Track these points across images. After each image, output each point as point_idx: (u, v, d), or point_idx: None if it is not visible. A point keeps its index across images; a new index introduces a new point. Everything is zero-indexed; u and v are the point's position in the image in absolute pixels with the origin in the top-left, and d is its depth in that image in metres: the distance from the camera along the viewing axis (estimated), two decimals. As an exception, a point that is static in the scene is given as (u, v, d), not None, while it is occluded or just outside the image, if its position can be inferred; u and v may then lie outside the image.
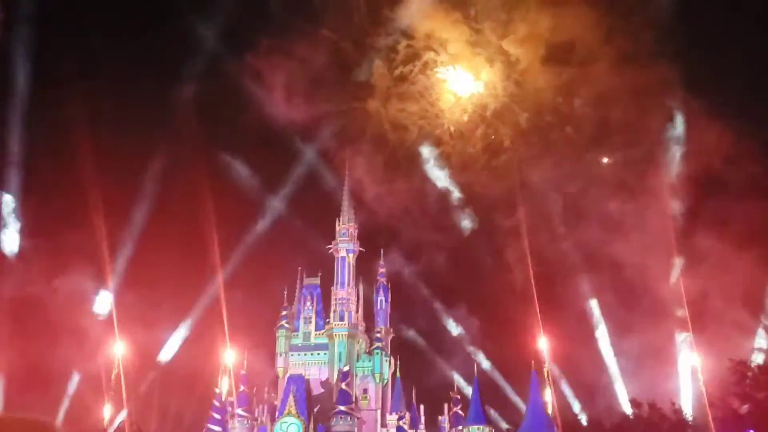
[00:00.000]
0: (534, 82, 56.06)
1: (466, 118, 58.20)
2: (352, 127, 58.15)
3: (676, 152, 55.56)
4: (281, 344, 56.94)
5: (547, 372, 50.37)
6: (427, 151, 59.78)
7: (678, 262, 53.24)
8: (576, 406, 55.29)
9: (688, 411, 50.75)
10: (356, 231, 60.38)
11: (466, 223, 59.53)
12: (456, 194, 60.35)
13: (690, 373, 52.45)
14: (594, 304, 55.41)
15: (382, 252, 59.86)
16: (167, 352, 54.58)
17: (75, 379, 52.28)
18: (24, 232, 55.91)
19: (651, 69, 54.00)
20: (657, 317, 53.37)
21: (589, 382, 54.69)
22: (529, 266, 53.33)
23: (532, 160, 56.96)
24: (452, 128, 59.41)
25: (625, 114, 55.37)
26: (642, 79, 54.25)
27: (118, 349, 48.99)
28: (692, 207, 54.11)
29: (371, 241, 60.13)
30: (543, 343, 50.46)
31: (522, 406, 52.93)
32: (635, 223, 55.10)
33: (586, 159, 56.79)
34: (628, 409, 51.31)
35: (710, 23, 55.32)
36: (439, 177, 60.67)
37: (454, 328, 59.68)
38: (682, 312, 51.73)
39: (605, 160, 57.10)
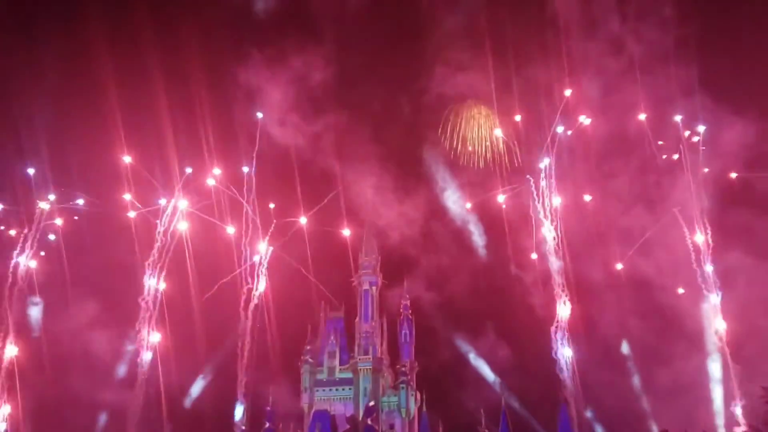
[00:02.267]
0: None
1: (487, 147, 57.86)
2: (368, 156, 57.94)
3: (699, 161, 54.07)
4: (306, 380, 56.65)
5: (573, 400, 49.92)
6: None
7: (709, 278, 52.03)
8: None
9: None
10: (379, 263, 60.20)
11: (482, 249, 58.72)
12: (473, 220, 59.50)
13: (723, 401, 51.40)
14: (622, 330, 54.16)
15: (405, 285, 59.44)
16: (192, 394, 54.15)
17: (102, 418, 52.07)
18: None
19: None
20: (689, 343, 52.21)
21: (619, 413, 53.66)
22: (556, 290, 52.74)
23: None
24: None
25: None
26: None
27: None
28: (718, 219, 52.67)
29: (393, 270, 60.05)
30: (570, 373, 49.95)
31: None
32: (660, 240, 53.86)
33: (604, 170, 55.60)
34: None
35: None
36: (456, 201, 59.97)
37: (479, 360, 58.88)
38: (716, 337, 50.82)
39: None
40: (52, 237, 54.73)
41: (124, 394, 50.70)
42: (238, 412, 51.48)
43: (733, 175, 53.76)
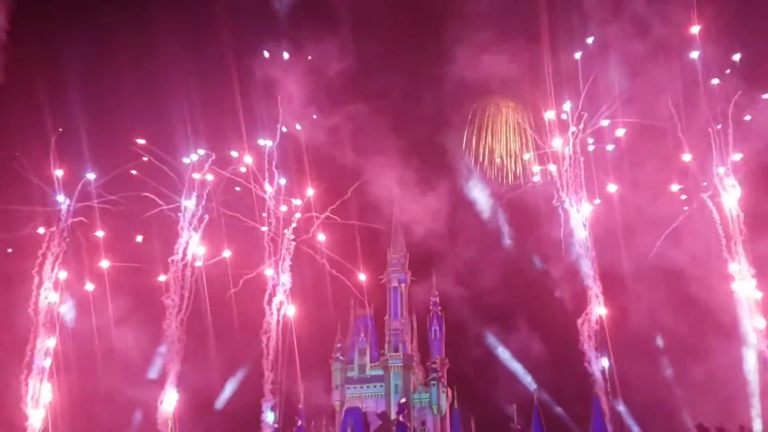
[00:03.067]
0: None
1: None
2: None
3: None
4: (337, 377, 56.88)
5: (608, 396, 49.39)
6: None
7: (742, 267, 50.79)
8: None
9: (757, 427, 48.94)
10: (407, 260, 60.15)
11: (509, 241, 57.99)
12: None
13: (759, 394, 50.46)
14: (655, 323, 53.25)
15: (434, 281, 59.33)
16: (223, 397, 54.51)
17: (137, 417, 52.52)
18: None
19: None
20: (724, 335, 51.15)
21: (653, 407, 52.92)
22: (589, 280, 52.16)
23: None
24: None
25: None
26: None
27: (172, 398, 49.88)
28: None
29: (420, 265, 59.86)
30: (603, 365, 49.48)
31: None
32: (690, 229, 52.58)
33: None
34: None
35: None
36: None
37: (510, 355, 58.54)
38: (752, 327, 49.78)
39: None
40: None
41: (156, 393, 51.13)
42: (269, 412, 51.68)
43: None
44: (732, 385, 49.74)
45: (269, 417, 51.27)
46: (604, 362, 49.59)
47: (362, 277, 55.77)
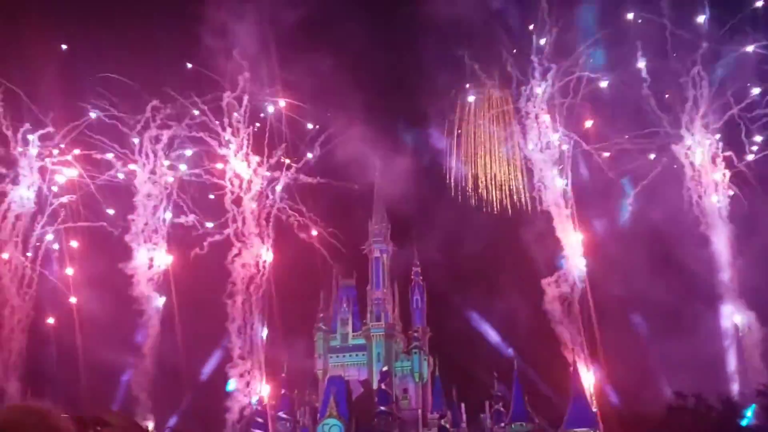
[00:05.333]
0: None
1: None
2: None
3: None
4: (320, 346, 57.17)
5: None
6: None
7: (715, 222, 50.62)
8: (616, 400, 54.19)
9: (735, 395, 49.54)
10: (389, 230, 60.30)
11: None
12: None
13: (737, 361, 50.83)
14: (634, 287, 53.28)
15: (416, 251, 59.60)
16: (207, 370, 54.43)
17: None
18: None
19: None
20: (702, 298, 51.14)
21: (630, 374, 53.42)
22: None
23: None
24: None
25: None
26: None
27: None
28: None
29: (403, 235, 59.91)
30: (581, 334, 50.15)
31: (560, 402, 52.25)
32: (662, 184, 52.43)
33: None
34: (671, 401, 50.42)
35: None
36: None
37: (490, 324, 59.03)
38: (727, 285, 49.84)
39: None
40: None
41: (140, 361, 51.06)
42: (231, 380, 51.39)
43: None
44: (710, 351, 50.30)
45: (231, 384, 51.66)
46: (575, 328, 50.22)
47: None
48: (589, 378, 51.42)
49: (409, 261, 59.70)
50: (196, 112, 53.31)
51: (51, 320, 52.67)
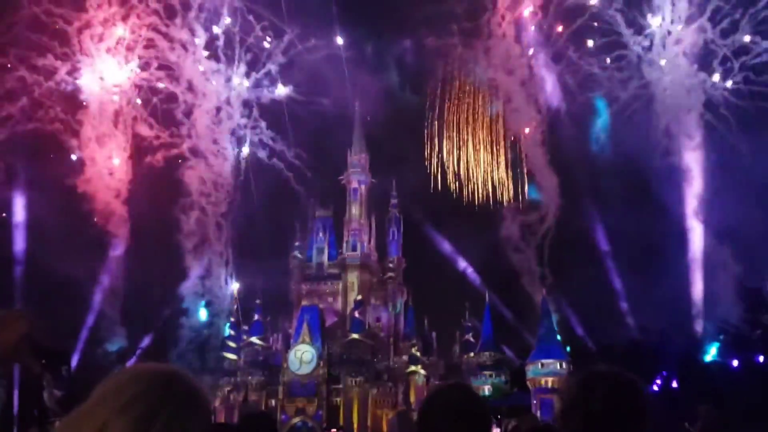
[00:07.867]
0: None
1: None
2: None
3: None
4: (295, 275, 57.68)
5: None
6: None
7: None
8: (582, 332, 54.79)
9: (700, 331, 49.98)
10: (368, 162, 60.20)
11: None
12: None
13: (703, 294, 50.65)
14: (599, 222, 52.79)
15: (394, 183, 59.75)
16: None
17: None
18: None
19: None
20: (670, 226, 50.46)
21: (597, 309, 53.62)
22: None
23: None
24: None
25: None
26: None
27: None
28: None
29: (383, 169, 59.92)
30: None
31: (530, 336, 53.12)
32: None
33: None
34: (636, 335, 51.30)
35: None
36: None
37: (462, 255, 59.55)
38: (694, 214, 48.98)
39: None
40: None
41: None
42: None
43: None
44: (678, 287, 50.29)
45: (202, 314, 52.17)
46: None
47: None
48: (556, 310, 52.13)
49: (387, 193, 59.92)
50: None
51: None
